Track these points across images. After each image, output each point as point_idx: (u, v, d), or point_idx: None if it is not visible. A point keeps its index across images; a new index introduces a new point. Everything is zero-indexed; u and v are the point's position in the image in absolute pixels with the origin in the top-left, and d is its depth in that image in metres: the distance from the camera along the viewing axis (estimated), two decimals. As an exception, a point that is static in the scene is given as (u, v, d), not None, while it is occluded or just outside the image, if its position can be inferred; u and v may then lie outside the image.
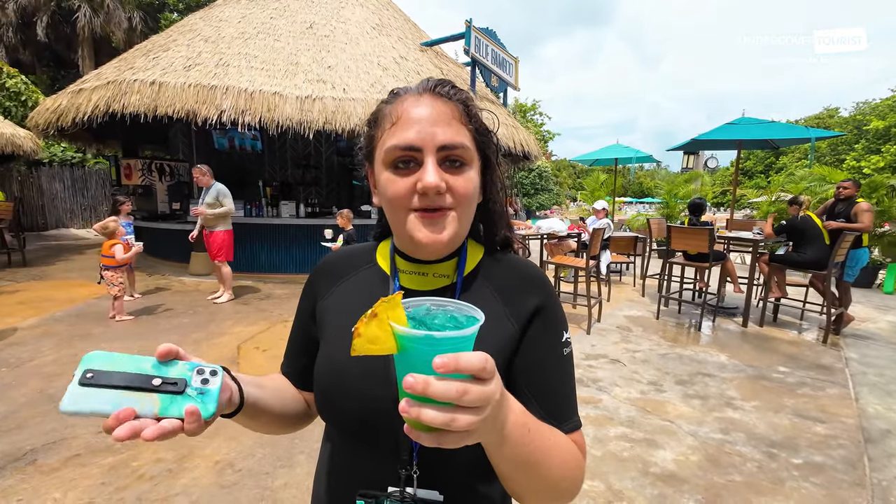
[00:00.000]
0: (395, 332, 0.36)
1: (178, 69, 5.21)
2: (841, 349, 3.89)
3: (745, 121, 5.66)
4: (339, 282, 0.66)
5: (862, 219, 4.30)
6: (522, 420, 0.44)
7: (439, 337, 0.35)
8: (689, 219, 4.93)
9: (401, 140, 0.52)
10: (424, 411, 0.34)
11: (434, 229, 0.54)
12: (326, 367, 0.59)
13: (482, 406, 0.35)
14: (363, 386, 0.55)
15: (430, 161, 0.52)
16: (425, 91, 0.56)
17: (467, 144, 0.55)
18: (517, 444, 0.43)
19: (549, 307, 0.60)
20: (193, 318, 4.23)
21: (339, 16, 6.85)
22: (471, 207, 0.57)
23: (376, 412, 0.54)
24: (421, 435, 0.36)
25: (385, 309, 0.37)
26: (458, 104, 0.56)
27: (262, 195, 6.38)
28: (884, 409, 2.78)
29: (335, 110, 5.23)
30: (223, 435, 2.27)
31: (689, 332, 4.35)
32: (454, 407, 0.34)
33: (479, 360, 0.34)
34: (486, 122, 0.61)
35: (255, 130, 5.41)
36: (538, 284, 0.62)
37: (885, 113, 24.02)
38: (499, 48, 7.43)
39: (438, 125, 0.53)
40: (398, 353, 0.37)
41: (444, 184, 0.52)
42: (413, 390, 0.33)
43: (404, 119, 0.53)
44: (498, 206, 0.64)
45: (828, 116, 29.85)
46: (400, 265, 0.62)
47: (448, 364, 0.33)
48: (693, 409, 2.72)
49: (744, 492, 1.95)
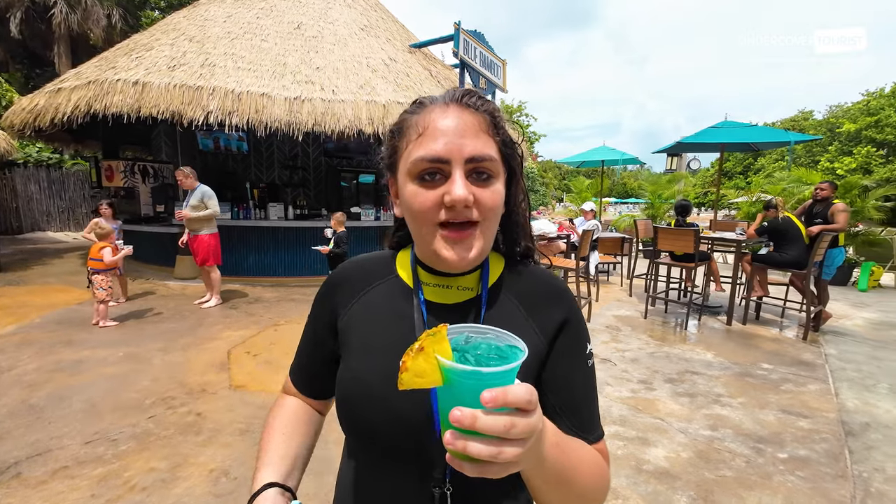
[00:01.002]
0: (442, 366, 0.36)
1: (163, 69, 5.10)
2: (820, 346, 4.03)
3: (728, 124, 5.82)
4: (359, 294, 0.63)
5: (838, 219, 4.46)
6: (555, 440, 0.45)
7: (486, 373, 0.35)
8: (676, 220, 5.04)
9: (428, 152, 0.51)
10: (471, 444, 0.34)
11: (461, 248, 0.53)
12: (353, 383, 0.58)
13: (526, 438, 0.35)
14: (393, 403, 0.54)
15: (459, 173, 0.51)
16: (452, 101, 0.54)
17: (494, 156, 0.54)
18: (552, 465, 0.44)
19: (574, 321, 0.60)
20: (181, 323, 4.14)
21: (327, 16, 6.79)
22: (496, 220, 0.56)
23: (407, 429, 0.54)
24: (464, 465, 0.36)
25: (431, 343, 0.37)
26: (485, 115, 0.55)
27: (249, 197, 6.28)
28: (862, 403, 2.89)
29: (324, 112, 5.19)
30: (217, 442, 2.23)
31: (676, 330, 4.45)
32: (500, 440, 0.34)
33: (527, 394, 0.35)
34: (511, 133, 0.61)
35: (242, 132, 5.34)
36: (562, 297, 0.62)
37: (856, 116, 24.94)
38: (487, 50, 7.48)
39: (466, 137, 0.52)
40: (443, 386, 0.37)
41: (472, 197, 0.51)
42: (461, 424, 0.34)
43: (431, 130, 0.52)
44: (520, 217, 0.63)
45: (803, 119, 30.82)
46: (423, 278, 0.61)
47: (497, 399, 0.33)
48: (682, 406, 2.79)
49: (734, 487, 2.01)
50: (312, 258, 6.18)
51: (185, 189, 4.55)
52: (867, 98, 25.81)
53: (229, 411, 2.55)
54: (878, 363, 3.63)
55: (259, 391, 2.82)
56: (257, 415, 2.52)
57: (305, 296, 5.37)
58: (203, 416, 2.49)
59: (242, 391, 2.82)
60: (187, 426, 2.38)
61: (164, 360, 3.26)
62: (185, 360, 3.27)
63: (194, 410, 2.55)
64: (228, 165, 7.77)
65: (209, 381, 2.93)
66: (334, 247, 4.26)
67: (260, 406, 2.61)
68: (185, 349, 3.49)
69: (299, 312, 4.64)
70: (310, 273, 6.16)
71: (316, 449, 0.70)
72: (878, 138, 23.41)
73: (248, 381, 2.97)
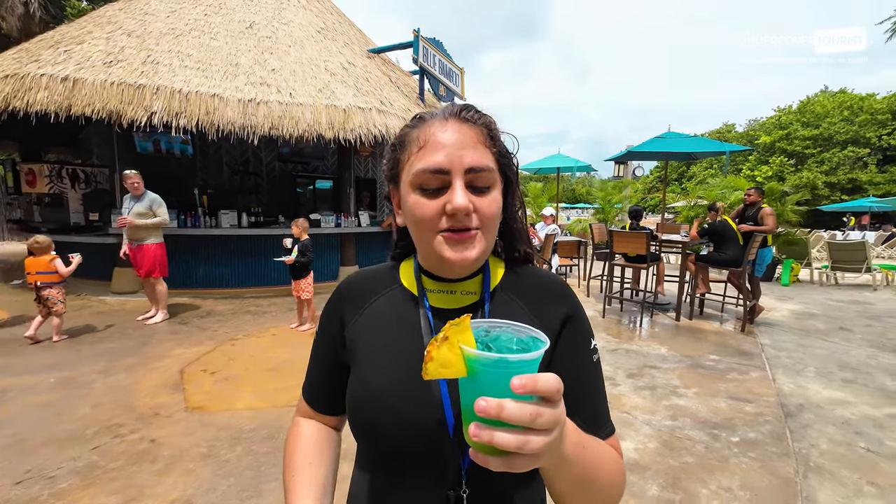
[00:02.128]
0: (466, 356, 0.36)
1: (97, 65, 4.67)
2: (756, 336, 4.44)
3: (671, 135, 6.32)
4: (365, 304, 0.65)
5: (767, 221, 4.96)
6: (576, 438, 0.45)
7: (513, 360, 0.35)
8: (630, 223, 5.36)
9: (429, 163, 0.54)
10: (497, 435, 0.33)
11: (462, 248, 0.55)
12: (363, 392, 0.58)
13: (552, 428, 0.35)
14: (405, 409, 0.55)
15: (459, 183, 0.53)
16: (451, 116, 0.57)
17: (492, 167, 0.56)
18: (574, 463, 0.44)
19: (577, 316, 0.62)
20: (123, 341, 3.78)
21: (281, 17, 6.57)
22: (495, 227, 0.59)
23: (420, 433, 0.54)
24: (489, 459, 0.36)
25: (455, 332, 0.37)
26: (482, 128, 0.57)
27: (198, 204, 5.88)
28: (796, 386, 3.22)
29: (282, 115, 4.99)
30: (177, 469, 2.05)
31: (632, 328, 4.71)
32: (526, 430, 0.34)
33: (556, 382, 0.35)
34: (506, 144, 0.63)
35: (187, 134, 5.00)
36: (564, 294, 0.64)
37: (771, 129, 27.98)
38: (445, 58, 7.58)
39: (465, 149, 0.54)
40: (466, 377, 0.37)
41: (471, 205, 0.53)
42: (486, 414, 0.33)
43: (432, 143, 0.55)
44: (518, 224, 0.66)
45: (726, 131, 34.03)
46: (427, 285, 0.63)
47: (527, 385, 0.33)
48: (645, 399, 2.95)
49: (697, 472, 2.15)
50: (269, 268, 5.89)
51: (134, 195, 4.18)
52: (779, 114, 29.06)
53: (188, 435, 2.35)
54: (804, 350, 4.06)
55: (220, 411, 2.63)
56: (220, 437, 2.34)
57: (262, 308, 5.11)
58: (158, 443, 2.28)
59: (201, 412, 2.61)
60: (140, 455, 2.17)
61: (106, 384, 2.95)
62: (132, 382, 2.98)
63: (147, 437, 2.33)
64: (171, 170, 7.22)
65: (162, 404, 2.69)
66: (299, 256, 4.07)
67: (222, 427, 2.44)
68: (130, 370, 3.18)
69: (258, 325, 4.40)
70: (267, 283, 5.87)
71: (280, 468, 0.67)
72: (789, 149, 26.39)
73: (206, 401, 2.76)
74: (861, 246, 7.56)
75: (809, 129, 25.87)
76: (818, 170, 24.84)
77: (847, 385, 3.25)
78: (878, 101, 25.11)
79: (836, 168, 24.49)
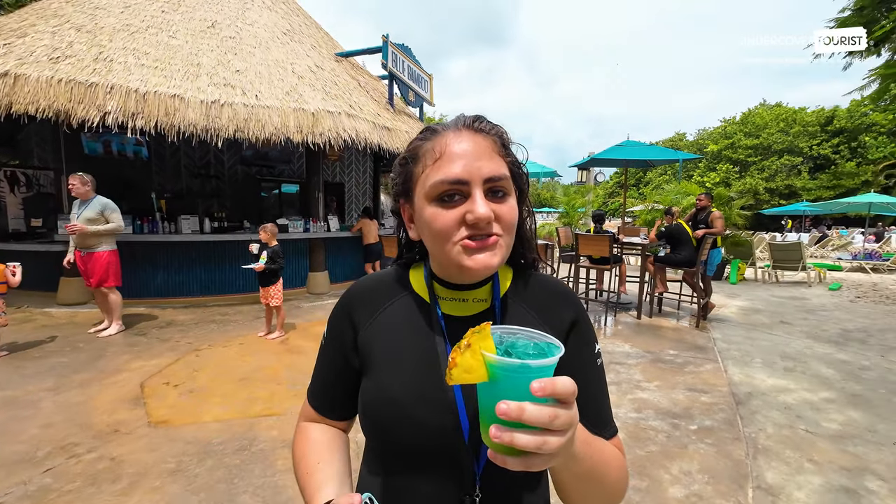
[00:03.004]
0: (488, 362, 0.38)
1: (42, 60, 4.36)
2: (709, 331, 4.76)
3: (630, 143, 6.69)
4: (378, 310, 0.65)
5: (716, 224, 5.34)
6: (584, 437, 0.47)
7: (534, 366, 0.37)
8: (594, 227, 5.61)
9: (448, 174, 0.54)
10: (518, 436, 0.36)
11: (485, 255, 0.55)
12: (378, 397, 0.59)
13: (567, 429, 0.37)
14: (421, 414, 0.56)
15: (479, 193, 0.54)
16: (464, 127, 0.58)
17: (508, 175, 0.57)
18: (582, 460, 0.46)
19: (582, 321, 0.64)
20: (74, 356, 3.53)
21: (245, 17, 6.39)
22: (513, 234, 0.59)
23: (435, 438, 0.55)
24: (507, 460, 0.38)
25: (478, 339, 0.40)
26: (495, 138, 0.59)
27: (156, 209, 5.59)
28: (745, 376, 3.48)
29: (247, 118, 4.85)
30: (142, 487, 1.95)
31: (597, 327, 4.92)
32: (544, 431, 0.36)
33: (572, 385, 0.37)
34: None
35: (142, 135, 4.76)
36: (569, 300, 0.65)
37: (717, 138, 30.03)
38: (414, 64, 7.64)
39: (482, 159, 0.55)
40: (486, 382, 0.39)
41: (492, 214, 0.54)
42: (507, 416, 0.35)
43: (448, 154, 0.55)
44: (528, 231, 0.67)
45: (678, 139, 36.20)
46: (439, 292, 0.63)
47: (546, 388, 0.36)
48: (611, 394, 3.08)
49: (660, 460, 2.30)
50: (235, 275, 5.68)
51: (82, 199, 3.92)
52: (724, 124, 31.25)
53: (152, 451, 2.24)
54: (751, 342, 4.40)
55: (187, 424, 2.52)
56: (188, 451, 2.25)
57: (228, 316, 4.92)
58: (119, 461, 2.15)
59: (166, 427, 2.49)
60: (99, 475, 2.04)
61: (56, 402, 2.75)
62: (87, 399, 2.79)
63: (106, 455, 2.20)
64: (124, 173, 6.82)
65: (121, 420, 2.54)
66: (269, 262, 3.94)
67: (190, 441, 2.34)
68: (84, 386, 2.98)
69: (224, 335, 4.24)
70: (232, 291, 5.66)
71: (254, 478, 0.67)
72: (734, 157, 28.43)
73: (171, 415, 2.64)
74: (797, 247, 8.27)
75: (751, 139, 28.03)
76: (759, 176, 26.93)
77: (788, 373, 3.56)
78: (809, 114, 27.64)
79: (775, 175, 26.65)
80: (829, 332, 4.84)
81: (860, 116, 24.90)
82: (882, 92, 3.99)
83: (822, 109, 27.32)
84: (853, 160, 25.09)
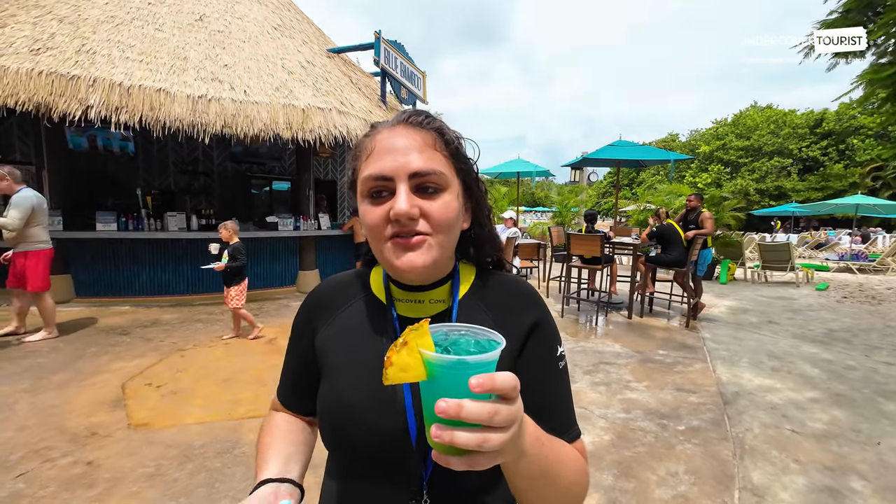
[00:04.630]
0: (426, 359, 0.36)
1: (22, 51, 4.24)
2: (699, 331, 4.78)
3: (622, 143, 6.70)
4: (336, 312, 0.65)
5: (706, 224, 5.36)
6: (536, 434, 0.45)
7: (471, 361, 0.35)
8: (586, 227, 5.61)
9: (374, 170, 0.54)
10: (458, 434, 0.34)
11: (410, 255, 0.54)
12: (333, 400, 0.58)
13: (509, 425, 0.36)
14: (372, 418, 0.55)
15: (403, 189, 0.53)
16: (399, 123, 0.57)
17: (442, 171, 0.55)
18: (534, 458, 0.44)
19: (544, 323, 0.62)
20: (52, 356, 3.44)
21: (234, 11, 6.29)
22: (451, 232, 0.57)
23: (385, 443, 0.54)
24: (451, 460, 0.37)
25: (415, 337, 0.38)
26: (431, 132, 0.57)
27: (141, 205, 5.48)
28: (732, 376, 3.50)
29: (235, 113, 4.77)
30: (118, 493, 1.90)
31: (588, 326, 4.92)
32: (485, 428, 0.35)
33: (512, 380, 0.36)
34: (467, 150, 0.63)
35: (128, 131, 4.66)
36: (531, 301, 0.63)
37: (709, 140, 30.29)
38: (407, 61, 7.57)
39: (411, 153, 0.54)
40: (426, 380, 0.37)
41: (416, 210, 0.53)
42: (446, 414, 0.34)
43: (378, 150, 0.55)
44: (485, 230, 0.66)
45: (671, 140, 36.47)
46: (395, 294, 0.62)
47: (484, 384, 0.34)
48: (601, 394, 3.09)
49: (648, 460, 2.29)
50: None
51: (3, 193, 3.67)
52: (716, 125, 31.52)
53: (130, 455, 2.18)
54: (739, 342, 4.42)
55: (167, 427, 2.46)
56: (167, 454, 2.20)
57: (214, 315, 4.84)
58: (95, 465, 2.09)
59: (146, 430, 2.43)
60: (74, 480, 1.98)
61: (32, 404, 2.67)
62: (64, 401, 2.72)
63: (82, 460, 2.14)
64: (109, 169, 6.69)
65: (99, 423, 2.48)
66: (230, 261, 3.78)
67: (170, 444, 2.28)
68: (61, 387, 2.90)
69: (209, 335, 4.17)
70: (219, 289, 5.55)
71: (235, 482, 0.64)
72: (725, 158, 28.70)
73: (151, 417, 2.58)
74: (786, 247, 8.37)
75: (742, 141, 28.31)
76: (750, 177, 27.22)
77: (775, 373, 3.58)
78: (798, 116, 27.99)
79: (765, 176, 26.97)
80: (815, 331, 4.89)
81: (848, 119, 25.28)
82: (868, 96, 4.02)
83: (811, 112, 27.68)
84: (841, 162, 25.46)
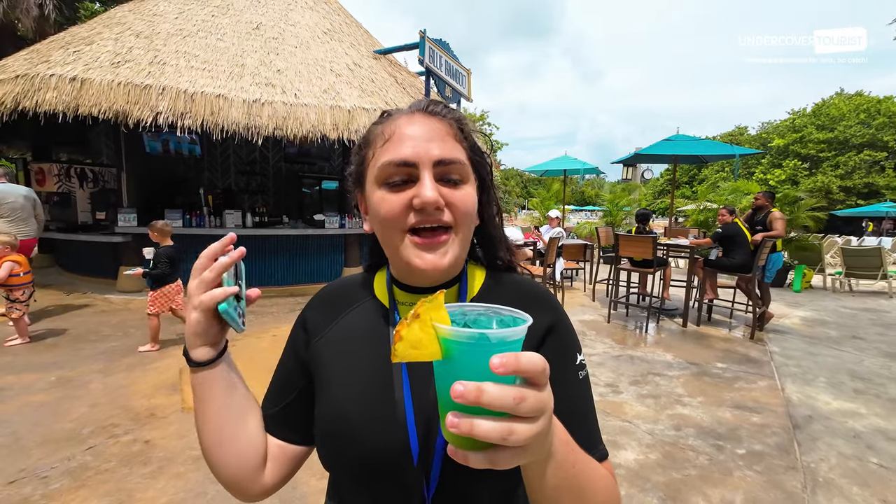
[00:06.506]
0: (441, 335, 0.31)
1: (105, 65, 4.72)
2: (765, 344, 4.33)
3: (680, 137, 6.21)
4: (337, 318, 0.61)
5: (776, 226, 4.84)
6: (565, 437, 0.40)
7: (494, 338, 0.30)
8: (637, 227, 5.27)
9: (395, 155, 0.50)
10: (478, 423, 0.28)
11: (434, 254, 0.51)
12: (331, 411, 0.54)
13: (538, 415, 0.30)
14: (369, 432, 0.51)
15: (427, 175, 0.50)
16: (417, 110, 0.55)
17: (464, 161, 0.53)
18: (563, 464, 0.39)
19: (560, 326, 0.57)
20: (124, 340, 3.80)
21: (288, 18, 6.60)
22: (470, 227, 0.55)
23: (384, 461, 0.50)
24: (469, 455, 0.31)
25: (428, 309, 0.32)
26: (451, 122, 0.55)
27: (203, 203, 5.92)
28: (804, 396, 3.12)
29: (286, 116, 5.00)
30: (168, 472, 2.04)
31: (637, 333, 4.63)
32: (510, 417, 0.29)
33: (541, 362, 0.30)
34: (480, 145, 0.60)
35: (195, 134, 5.03)
36: (546, 303, 0.59)
37: (784, 132, 27.50)
38: (452, 59, 7.54)
39: (434, 141, 0.51)
40: (441, 360, 0.32)
41: (442, 199, 0.50)
42: (464, 399, 0.28)
43: (398, 136, 0.52)
44: (496, 229, 0.62)
45: (738, 134, 33.54)
46: (400, 297, 0.58)
47: (508, 364, 0.28)
48: (648, 408, 2.88)
49: (699, 485, 2.08)
50: (274, 267, 5.91)
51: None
52: (793, 116, 28.56)
53: (181, 437, 2.34)
54: (814, 358, 3.94)
55: (216, 413, 2.62)
56: (214, 439, 2.33)
57: (265, 308, 5.11)
58: (151, 444, 2.27)
59: (197, 413, 2.60)
60: (132, 457, 2.16)
61: (104, 384, 2.96)
62: (130, 383, 2.98)
63: (141, 438, 2.32)
64: (179, 170, 7.29)
65: (158, 405, 2.69)
66: (152, 268, 3.46)
67: (217, 429, 2.42)
68: (129, 370, 3.19)
69: (259, 326, 4.41)
70: (270, 283, 5.88)
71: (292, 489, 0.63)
72: (803, 153, 25.90)
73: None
74: (876, 252, 7.36)
75: (824, 133, 25.39)
76: (833, 174, 24.37)
77: (858, 395, 3.14)
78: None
79: (852, 172, 24.00)
80: (913, 350, 4.24)
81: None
82: None
83: (912, 98, 24.23)
84: (950, 155, 22.06)
